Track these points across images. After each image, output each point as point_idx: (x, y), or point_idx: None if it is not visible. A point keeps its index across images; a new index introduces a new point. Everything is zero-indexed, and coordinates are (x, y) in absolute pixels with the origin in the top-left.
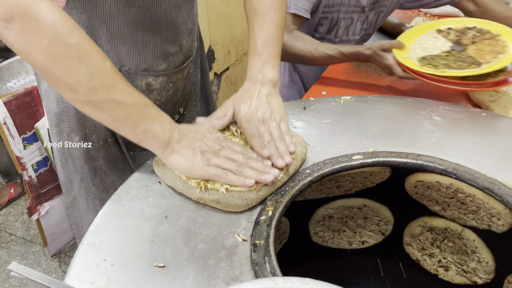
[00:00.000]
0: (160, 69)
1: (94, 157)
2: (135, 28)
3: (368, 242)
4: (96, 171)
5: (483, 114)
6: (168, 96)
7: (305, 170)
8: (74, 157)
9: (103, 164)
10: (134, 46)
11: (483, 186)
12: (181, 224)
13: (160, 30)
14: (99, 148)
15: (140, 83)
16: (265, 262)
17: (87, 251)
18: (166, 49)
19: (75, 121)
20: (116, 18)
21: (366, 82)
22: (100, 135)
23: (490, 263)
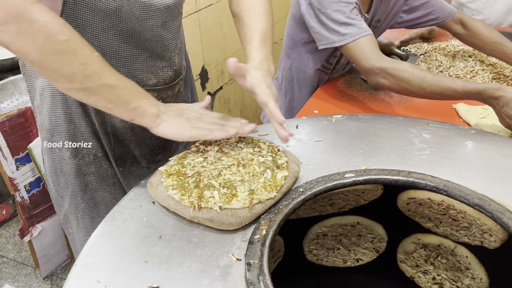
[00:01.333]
0: (150, 84)
1: (84, 173)
2: (123, 42)
3: (362, 259)
4: (86, 187)
5: (472, 131)
6: None
7: (298, 188)
8: (65, 172)
9: (93, 179)
10: (123, 61)
11: (474, 202)
12: (175, 244)
13: (149, 46)
14: (90, 163)
15: None
16: (259, 281)
17: (80, 272)
18: (155, 63)
19: (66, 136)
20: (107, 32)
21: (357, 100)
22: (90, 149)
23: (484, 279)
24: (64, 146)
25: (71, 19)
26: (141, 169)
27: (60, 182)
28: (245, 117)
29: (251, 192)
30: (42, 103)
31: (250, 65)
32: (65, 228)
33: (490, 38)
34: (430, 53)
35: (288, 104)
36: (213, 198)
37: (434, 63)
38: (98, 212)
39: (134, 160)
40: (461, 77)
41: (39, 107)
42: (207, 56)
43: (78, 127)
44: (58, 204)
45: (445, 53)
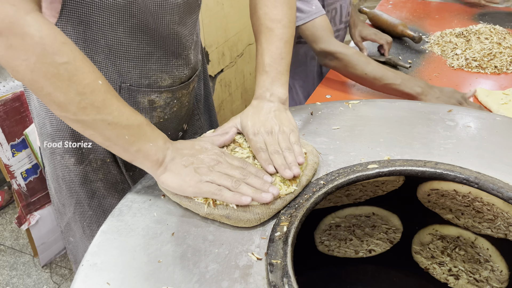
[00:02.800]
0: (164, 85)
1: (91, 180)
2: (135, 40)
3: (375, 250)
4: (93, 194)
5: (497, 118)
6: (172, 113)
7: (318, 180)
8: (68, 180)
9: (101, 186)
10: (135, 60)
11: (508, 196)
12: (190, 242)
13: (163, 43)
14: (97, 169)
15: (143, 100)
16: (283, 284)
17: (88, 273)
18: (170, 62)
19: (69, 141)
20: (115, 29)
21: None
22: (98, 154)
23: (504, 271)
24: (67, 153)
25: (74, 15)
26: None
27: (62, 190)
28: (246, 101)
29: None
30: (40, 106)
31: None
32: (66, 237)
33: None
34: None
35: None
36: None
37: (449, 46)
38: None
39: None
40: (478, 60)
41: (37, 110)
42: (207, 37)
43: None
44: (60, 212)
45: (457, 34)
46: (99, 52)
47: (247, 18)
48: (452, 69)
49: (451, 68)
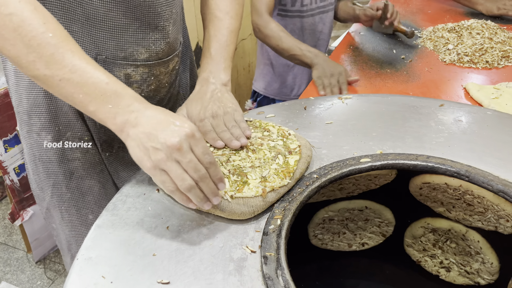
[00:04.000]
0: (140, 59)
1: (69, 159)
2: (111, 10)
3: (368, 244)
4: (71, 175)
5: (488, 112)
6: (150, 91)
7: (312, 174)
8: (45, 160)
9: (79, 166)
10: (111, 32)
11: (498, 189)
12: (184, 236)
13: (140, 14)
14: (75, 148)
15: (118, 74)
16: (277, 276)
17: (83, 267)
18: (147, 35)
19: (46, 117)
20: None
21: (363, 79)
22: (75, 131)
23: (494, 264)
24: (44, 129)
25: None
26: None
27: (40, 172)
28: (240, 96)
29: (263, 179)
30: (17, 82)
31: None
32: (48, 224)
33: None
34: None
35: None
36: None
37: (441, 41)
38: (85, 203)
39: (122, 145)
40: (469, 55)
41: (15, 86)
42: (201, 33)
43: (61, 107)
44: (38, 197)
45: (449, 29)
46: (76, 21)
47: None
48: (444, 64)
49: (443, 63)
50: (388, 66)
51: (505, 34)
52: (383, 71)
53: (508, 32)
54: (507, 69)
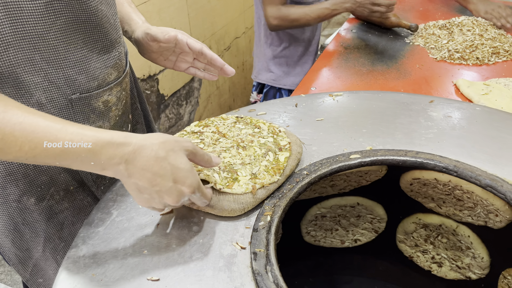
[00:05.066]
0: (112, 79)
1: (57, 211)
2: (71, 42)
3: (360, 240)
4: (62, 226)
5: (477, 108)
6: (123, 107)
7: (302, 171)
8: (30, 222)
9: (69, 214)
10: (78, 64)
11: (486, 183)
12: (174, 233)
13: (99, 34)
14: (61, 200)
15: (97, 104)
16: (267, 271)
17: (72, 266)
18: (110, 54)
19: (25, 181)
20: (46, 35)
21: (355, 76)
22: (59, 185)
23: (485, 258)
24: (24, 195)
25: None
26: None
27: (24, 236)
28: (234, 94)
29: (253, 176)
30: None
31: (147, 26)
32: (34, 281)
33: None
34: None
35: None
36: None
37: (432, 38)
38: None
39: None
40: (460, 52)
41: None
42: (194, 31)
43: (39, 167)
44: (21, 261)
45: (440, 27)
46: (39, 69)
47: (234, 11)
48: (435, 61)
49: (434, 60)
50: (380, 63)
51: (496, 31)
52: (374, 68)
53: (498, 29)
54: (497, 66)
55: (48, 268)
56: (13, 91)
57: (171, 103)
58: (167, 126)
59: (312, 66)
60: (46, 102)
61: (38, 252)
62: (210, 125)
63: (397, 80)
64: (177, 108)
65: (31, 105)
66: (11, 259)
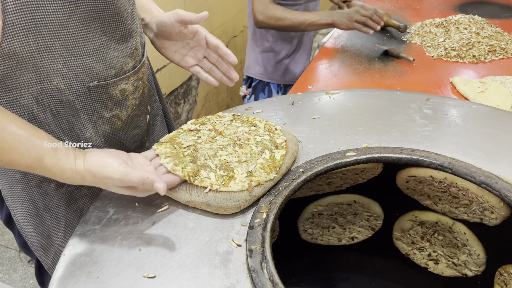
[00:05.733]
0: (129, 68)
1: (76, 198)
2: (89, 31)
3: (357, 238)
4: (82, 211)
5: (473, 106)
6: (140, 96)
7: (297, 168)
8: (51, 207)
9: (88, 201)
10: (96, 53)
11: (480, 180)
12: (170, 230)
13: (116, 25)
14: (80, 186)
15: (115, 93)
16: (262, 268)
17: (69, 263)
18: (128, 43)
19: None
20: (66, 24)
21: (351, 74)
22: None
23: (481, 255)
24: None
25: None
26: None
27: (46, 221)
28: (232, 93)
29: (249, 173)
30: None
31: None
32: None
33: None
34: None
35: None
36: (209, 179)
37: (428, 36)
38: None
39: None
40: (456, 50)
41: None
42: None
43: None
44: (44, 248)
45: (437, 25)
46: (57, 56)
47: (231, 10)
48: (432, 59)
49: (430, 58)
50: (377, 61)
51: (492, 29)
52: (371, 66)
53: (495, 27)
54: (493, 63)
55: None
56: (33, 76)
57: (168, 101)
58: None
59: (309, 65)
60: (64, 88)
61: (59, 238)
62: (206, 123)
63: (393, 78)
64: (175, 107)
65: (50, 91)
66: (33, 245)
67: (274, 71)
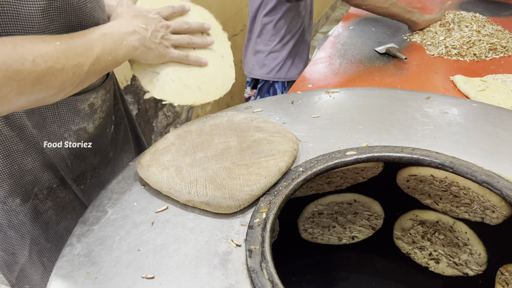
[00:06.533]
0: (98, 83)
1: (41, 212)
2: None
3: (358, 237)
4: (47, 226)
5: (474, 104)
6: (107, 108)
7: (297, 168)
8: (16, 224)
9: (53, 214)
10: None
11: (481, 179)
12: (169, 231)
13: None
14: (45, 199)
15: (83, 107)
16: (262, 268)
17: (67, 264)
18: None
19: (10, 182)
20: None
21: (351, 73)
22: (42, 183)
23: (482, 255)
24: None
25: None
26: (102, 178)
27: (10, 238)
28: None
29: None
30: None
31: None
32: (20, 286)
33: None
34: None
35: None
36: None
37: (429, 34)
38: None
39: (94, 172)
40: (457, 48)
41: None
42: None
43: (24, 166)
44: (8, 265)
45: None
46: None
47: (231, 8)
48: (432, 57)
49: (431, 56)
50: (377, 60)
51: (493, 27)
52: (371, 65)
53: (495, 25)
54: (494, 62)
55: (35, 273)
56: None
57: None
58: (165, 124)
59: (310, 63)
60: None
61: (24, 256)
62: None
63: (394, 77)
64: (174, 106)
65: None
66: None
67: (280, 69)
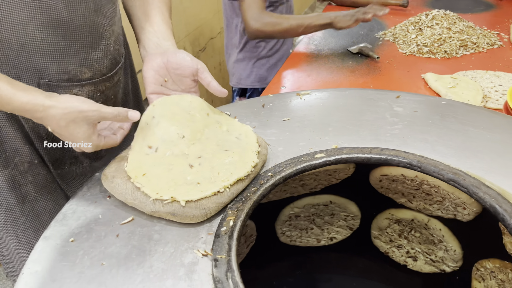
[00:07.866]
0: (85, 78)
1: (20, 183)
2: (49, 34)
3: (336, 238)
4: (24, 199)
5: (443, 102)
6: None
7: (266, 172)
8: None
9: (31, 189)
10: (51, 55)
11: (448, 178)
12: (134, 243)
13: (80, 35)
14: (25, 172)
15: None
16: (227, 278)
17: (28, 281)
18: (89, 55)
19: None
20: (26, 25)
21: (325, 74)
22: (23, 156)
23: (457, 251)
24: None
25: None
26: (83, 168)
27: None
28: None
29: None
30: None
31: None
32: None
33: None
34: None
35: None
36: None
37: (401, 33)
38: (42, 223)
39: (74, 160)
40: (428, 46)
41: None
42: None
43: (6, 134)
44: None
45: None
46: (12, 48)
47: (207, 12)
48: (404, 56)
49: (403, 54)
50: (350, 60)
51: (464, 24)
52: (344, 65)
53: (466, 21)
54: (465, 58)
55: (10, 242)
56: None
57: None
58: None
59: (283, 65)
60: (15, 77)
61: (0, 222)
62: None
63: (367, 76)
64: None
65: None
66: None
67: (268, 75)
